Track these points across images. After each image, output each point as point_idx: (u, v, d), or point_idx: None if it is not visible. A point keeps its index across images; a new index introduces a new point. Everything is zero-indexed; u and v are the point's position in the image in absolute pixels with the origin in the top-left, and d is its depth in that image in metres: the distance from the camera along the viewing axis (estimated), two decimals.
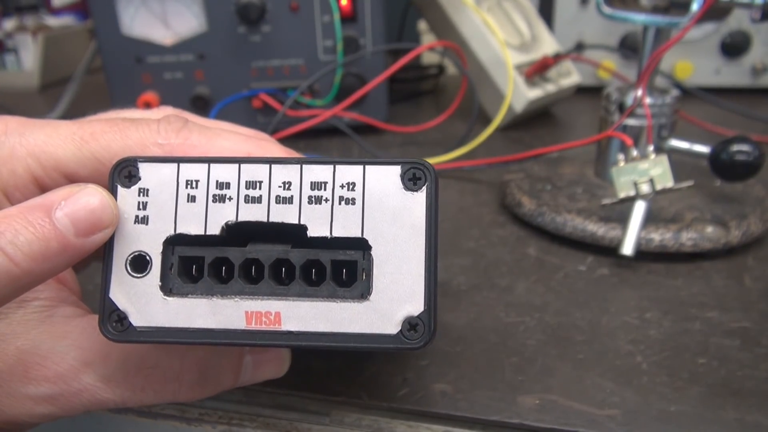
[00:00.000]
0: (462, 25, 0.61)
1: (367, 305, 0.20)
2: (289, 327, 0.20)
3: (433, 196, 0.21)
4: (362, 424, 0.26)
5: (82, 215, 0.19)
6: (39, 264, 0.19)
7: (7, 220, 0.19)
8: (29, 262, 0.18)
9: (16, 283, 0.18)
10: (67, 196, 0.20)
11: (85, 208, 0.20)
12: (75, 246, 0.19)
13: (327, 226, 0.21)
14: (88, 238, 0.20)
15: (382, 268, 0.20)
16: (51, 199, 0.19)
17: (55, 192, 0.20)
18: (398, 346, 0.20)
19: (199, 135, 0.23)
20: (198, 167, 0.21)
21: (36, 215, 0.19)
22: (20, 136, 0.22)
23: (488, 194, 0.47)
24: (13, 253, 0.18)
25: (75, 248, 0.19)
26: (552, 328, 0.31)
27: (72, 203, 0.19)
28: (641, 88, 0.40)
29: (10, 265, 0.18)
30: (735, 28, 0.69)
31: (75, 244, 0.19)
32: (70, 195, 0.20)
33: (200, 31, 0.59)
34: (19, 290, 0.19)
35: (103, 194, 0.20)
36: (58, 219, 0.19)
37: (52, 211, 0.19)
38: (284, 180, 0.21)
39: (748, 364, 0.28)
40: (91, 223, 0.20)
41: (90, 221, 0.20)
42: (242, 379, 0.24)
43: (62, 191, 0.20)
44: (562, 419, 0.25)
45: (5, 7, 0.98)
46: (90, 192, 0.20)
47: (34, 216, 0.19)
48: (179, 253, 0.21)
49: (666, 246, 0.36)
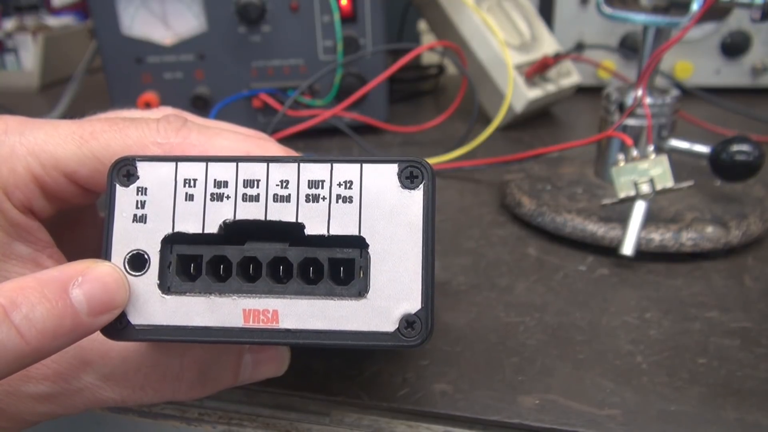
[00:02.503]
0: (462, 25, 0.61)
1: (365, 303, 0.20)
2: (286, 325, 0.21)
3: (430, 194, 0.21)
4: (362, 424, 0.26)
5: (98, 294, 0.19)
6: (49, 342, 0.18)
7: (24, 293, 0.18)
8: (40, 340, 0.18)
9: (22, 361, 0.18)
10: (84, 272, 0.19)
11: (101, 287, 0.19)
12: (85, 325, 0.19)
13: (324, 225, 0.21)
14: (98, 318, 0.19)
15: (380, 266, 0.20)
16: (68, 273, 0.19)
17: (72, 266, 0.19)
18: (396, 344, 0.20)
19: (198, 134, 0.23)
20: (196, 166, 0.21)
21: (53, 290, 0.18)
22: (20, 135, 0.22)
23: (488, 194, 0.47)
24: (26, 329, 0.18)
25: (84, 328, 0.19)
26: (552, 328, 0.31)
27: (89, 281, 0.19)
28: (641, 88, 0.40)
29: (20, 343, 0.18)
30: (735, 28, 0.69)
31: (85, 323, 0.19)
32: (87, 271, 0.19)
33: (200, 31, 0.59)
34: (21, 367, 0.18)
35: (118, 274, 0.20)
36: (74, 296, 0.19)
37: (69, 287, 0.19)
38: (282, 178, 0.21)
39: (748, 364, 0.28)
40: (105, 303, 0.19)
41: (104, 301, 0.19)
42: (242, 377, 0.24)
43: (79, 266, 0.19)
44: (562, 419, 0.25)
45: (5, 7, 0.98)
46: (107, 270, 0.20)
47: (51, 290, 0.18)
48: (177, 252, 0.21)
49: (666, 246, 0.36)
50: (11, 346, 0.17)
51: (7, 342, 0.17)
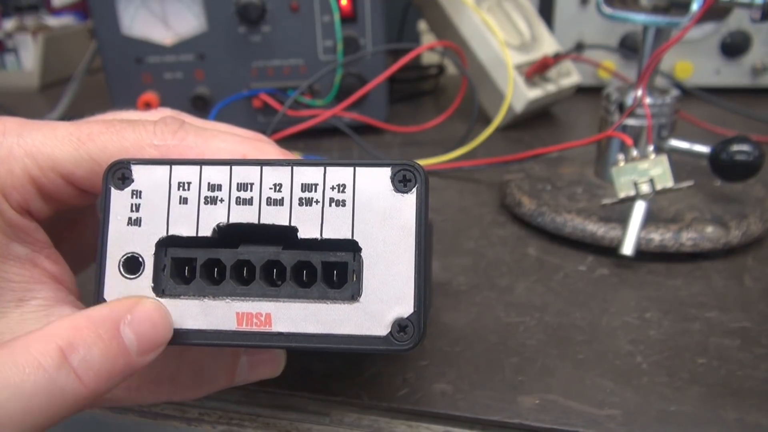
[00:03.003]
0: (462, 25, 0.61)
1: (357, 307, 0.20)
2: (279, 328, 0.21)
3: (423, 197, 0.21)
4: (362, 424, 0.26)
5: (147, 333, 0.19)
6: (104, 384, 0.18)
7: (79, 334, 0.18)
8: (96, 383, 0.18)
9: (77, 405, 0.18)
10: (131, 309, 0.19)
11: (150, 324, 0.19)
12: (134, 364, 0.19)
13: (317, 228, 0.21)
14: (146, 356, 0.19)
15: (372, 270, 0.20)
16: (118, 312, 0.19)
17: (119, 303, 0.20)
18: (388, 348, 0.20)
19: (195, 136, 0.23)
20: (190, 169, 0.21)
21: (106, 329, 0.18)
22: (18, 137, 0.22)
23: (488, 194, 0.47)
24: (83, 373, 0.18)
25: (133, 367, 0.19)
26: (552, 328, 0.31)
27: (138, 319, 0.19)
28: (641, 88, 0.40)
29: (79, 387, 0.18)
30: (735, 28, 0.69)
31: (135, 362, 0.19)
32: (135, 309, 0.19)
33: (200, 31, 0.59)
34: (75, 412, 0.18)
35: (164, 310, 0.20)
36: (126, 335, 0.19)
37: (120, 326, 0.19)
38: (275, 182, 0.21)
39: (748, 364, 0.28)
40: (153, 341, 0.19)
41: (152, 339, 0.19)
42: (237, 379, 0.24)
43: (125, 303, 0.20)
44: (562, 419, 0.25)
45: (5, 7, 0.98)
46: (154, 307, 0.20)
47: (104, 330, 0.18)
48: (172, 255, 0.21)
49: (666, 246, 0.36)
50: (70, 391, 0.17)
51: (66, 387, 0.17)
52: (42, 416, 0.17)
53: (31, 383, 0.17)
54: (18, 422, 0.16)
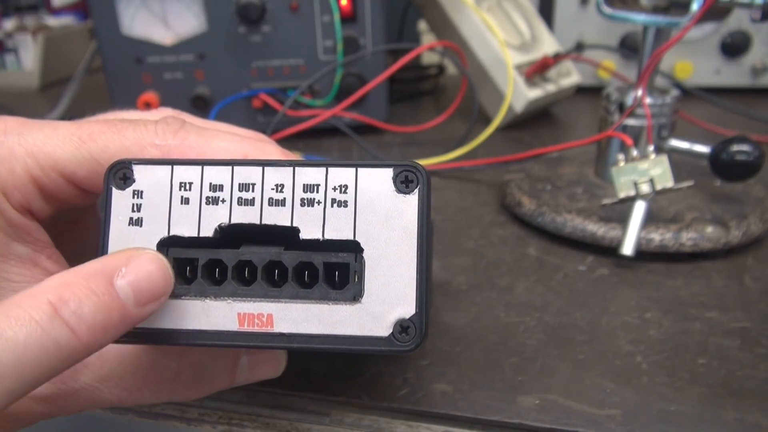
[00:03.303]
0: (462, 25, 0.61)
1: (359, 308, 0.20)
2: (281, 329, 0.21)
3: (425, 198, 0.21)
4: (362, 424, 0.26)
5: (143, 284, 0.19)
6: (99, 337, 0.18)
7: (70, 288, 0.18)
8: (91, 336, 0.18)
9: (74, 358, 0.18)
10: (127, 262, 0.19)
11: (146, 276, 0.19)
12: (132, 316, 0.19)
13: (319, 229, 0.21)
14: (144, 308, 0.19)
15: (374, 271, 0.20)
16: (111, 265, 0.19)
17: (114, 257, 0.19)
18: (390, 349, 0.20)
19: (197, 136, 0.23)
20: (191, 169, 0.21)
21: (98, 283, 0.18)
22: (19, 136, 0.22)
23: (488, 194, 0.47)
24: (76, 325, 0.18)
25: (132, 319, 0.19)
26: (552, 328, 0.31)
27: (133, 271, 0.19)
28: (641, 88, 0.40)
29: (73, 340, 0.18)
30: (735, 28, 0.69)
31: (132, 314, 0.19)
32: (130, 260, 0.19)
33: (200, 31, 0.59)
34: (73, 364, 0.18)
35: (162, 261, 0.20)
36: (120, 288, 0.19)
37: (114, 279, 0.19)
38: (277, 182, 0.21)
39: (748, 364, 0.28)
40: (151, 293, 0.19)
41: (150, 290, 0.19)
42: (238, 379, 0.24)
43: (121, 256, 0.19)
44: (562, 419, 0.25)
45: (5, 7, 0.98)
46: (150, 258, 0.20)
47: (97, 284, 0.18)
48: (173, 255, 0.21)
49: (666, 246, 0.36)
50: (64, 343, 0.17)
51: (60, 339, 0.17)
52: (37, 369, 0.17)
53: (24, 336, 0.17)
54: (12, 374, 0.17)
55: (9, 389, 0.17)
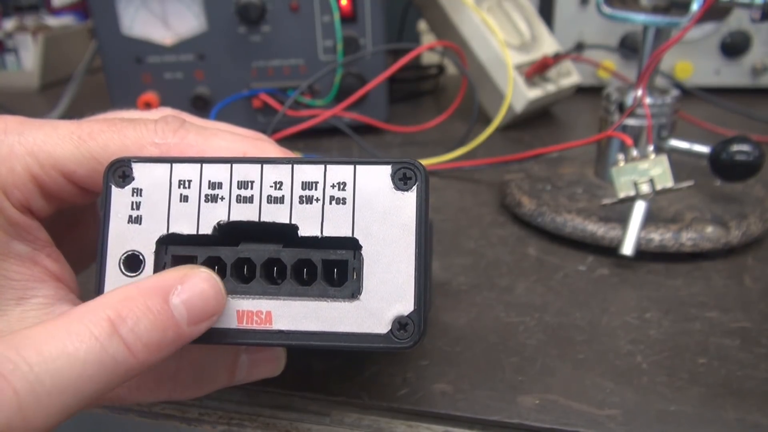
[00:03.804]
0: (462, 25, 0.61)
1: (358, 305, 0.20)
2: (280, 326, 0.21)
3: (423, 195, 0.21)
4: (362, 424, 0.26)
5: (197, 303, 0.19)
6: (154, 354, 0.18)
7: (128, 304, 0.18)
8: (146, 353, 0.18)
9: (127, 375, 0.18)
10: (182, 279, 0.19)
11: (200, 295, 0.19)
12: (185, 335, 0.19)
13: (318, 226, 0.21)
14: (197, 327, 0.19)
15: (373, 268, 0.20)
16: (168, 282, 0.19)
17: (171, 274, 0.19)
18: (388, 346, 0.20)
19: (196, 135, 0.23)
20: (190, 167, 0.21)
21: (155, 301, 0.18)
22: (19, 135, 0.22)
23: (488, 194, 0.47)
24: (133, 343, 0.18)
25: (185, 337, 0.19)
26: (552, 328, 0.31)
27: (188, 289, 0.19)
28: (641, 88, 0.40)
29: (128, 357, 0.18)
30: (735, 28, 0.69)
31: (185, 333, 0.19)
32: (185, 279, 0.19)
33: (200, 31, 0.59)
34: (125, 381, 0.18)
35: (216, 280, 0.20)
36: (175, 306, 0.19)
37: (169, 297, 0.19)
38: (275, 180, 0.21)
39: (748, 364, 0.28)
40: (204, 312, 0.19)
41: (203, 309, 0.19)
42: (238, 377, 0.24)
43: (176, 273, 0.19)
44: (562, 419, 0.25)
45: (5, 7, 0.98)
46: (204, 277, 0.20)
47: (154, 302, 0.18)
48: (172, 253, 0.21)
49: (666, 246, 0.36)
50: (121, 360, 0.18)
51: (117, 356, 0.17)
52: (94, 385, 0.17)
53: (84, 352, 0.17)
54: (71, 390, 0.17)
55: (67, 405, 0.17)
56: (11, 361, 0.16)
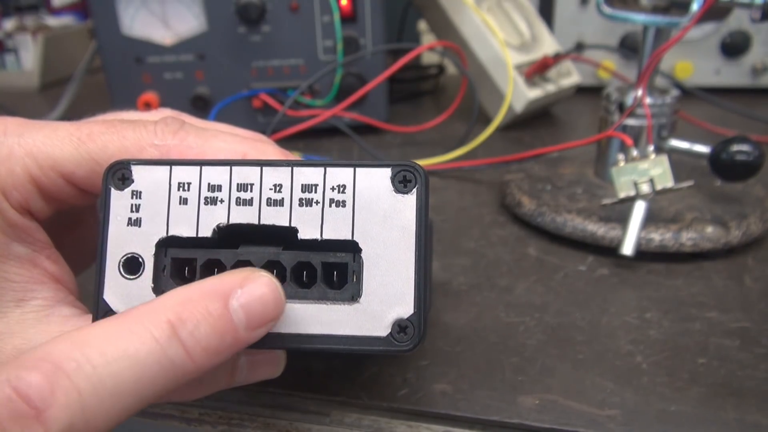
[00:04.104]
0: (462, 25, 0.61)
1: (357, 307, 0.20)
2: (279, 329, 0.21)
3: (423, 198, 0.21)
4: (362, 424, 0.26)
5: (256, 308, 0.19)
6: (210, 360, 0.18)
7: (189, 307, 0.18)
8: (204, 357, 0.18)
9: (184, 378, 0.18)
10: (242, 283, 0.19)
11: (259, 300, 0.19)
12: (242, 340, 0.19)
13: (317, 229, 0.21)
14: (254, 332, 0.19)
15: (372, 271, 0.20)
16: (228, 284, 0.19)
17: (231, 277, 0.19)
18: (388, 349, 0.20)
19: (196, 136, 0.23)
20: (190, 170, 0.21)
21: (215, 304, 0.18)
22: (19, 137, 0.22)
23: (488, 194, 0.47)
24: (191, 347, 0.18)
25: (242, 342, 0.19)
26: (552, 328, 0.31)
27: (248, 293, 0.19)
28: (641, 88, 0.40)
29: (186, 361, 0.18)
30: (735, 28, 0.69)
31: (243, 338, 0.19)
32: (246, 282, 0.19)
33: (200, 31, 0.59)
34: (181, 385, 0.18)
35: (276, 286, 0.20)
36: (234, 310, 0.19)
37: (229, 300, 0.19)
38: (275, 182, 0.21)
39: (748, 364, 0.28)
40: (262, 317, 0.19)
41: (261, 315, 0.19)
42: (237, 379, 0.24)
43: (237, 276, 0.19)
44: (562, 419, 0.25)
45: (5, 7, 0.98)
46: (265, 282, 0.19)
47: (214, 305, 0.18)
48: (172, 255, 0.21)
49: (666, 246, 0.36)
50: (179, 364, 0.18)
51: (176, 359, 0.17)
52: (153, 387, 0.17)
53: (145, 354, 0.17)
54: (131, 392, 0.17)
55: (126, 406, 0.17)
56: (76, 360, 0.16)
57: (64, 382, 0.16)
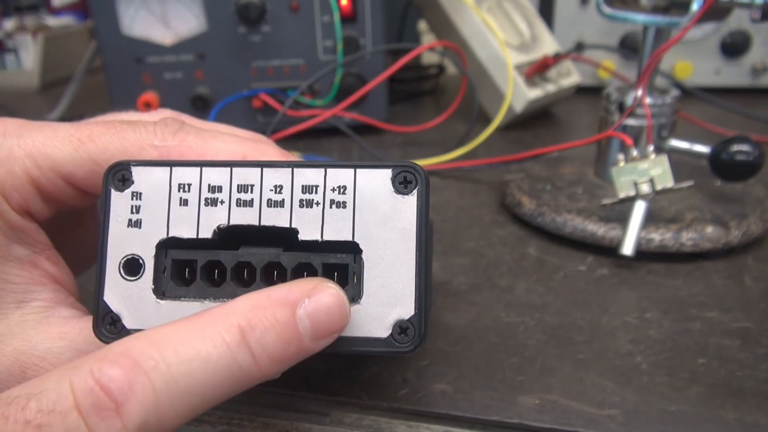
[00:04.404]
0: (462, 25, 0.61)
1: (358, 309, 0.20)
2: None
3: (423, 199, 0.21)
4: (362, 424, 0.26)
5: (322, 319, 0.19)
6: (275, 368, 0.19)
7: (258, 314, 0.18)
8: (269, 365, 0.18)
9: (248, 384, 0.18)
10: (310, 293, 0.19)
11: (326, 311, 0.19)
12: (306, 350, 0.19)
13: (318, 230, 0.21)
14: (318, 342, 0.19)
15: (373, 272, 0.20)
16: (296, 294, 0.19)
17: (299, 285, 0.19)
18: (389, 350, 0.20)
19: (196, 137, 0.23)
20: (190, 171, 0.21)
21: (283, 312, 0.18)
22: (18, 138, 0.22)
23: (488, 194, 0.47)
24: (259, 354, 0.18)
25: (305, 352, 0.19)
26: (552, 328, 0.31)
27: (315, 303, 0.19)
28: (641, 88, 0.40)
29: (252, 367, 0.18)
30: (735, 28, 0.69)
31: (307, 348, 0.19)
32: (313, 292, 0.19)
33: (200, 31, 0.59)
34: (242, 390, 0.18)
35: (342, 298, 0.20)
36: (301, 320, 0.19)
37: (297, 309, 0.19)
38: (276, 183, 0.21)
39: (748, 364, 0.28)
40: (328, 328, 0.19)
41: (327, 325, 0.19)
42: None
43: (306, 286, 0.19)
44: (562, 419, 0.25)
45: (5, 7, 0.98)
46: (332, 293, 0.19)
47: (282, 313, 0.18)
48: (172, 257, 0.21)
49: (666, 246, 0.36)
50: (246, 369, 0.18)
51: (243, 365, 0.18)
52: (221, 390, 0.18)
53: (216, 357, 0.17)
54: (200, 393, 0.17)
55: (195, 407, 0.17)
56: (153, 358, 0.17)
57: (142, 379, 0.16)
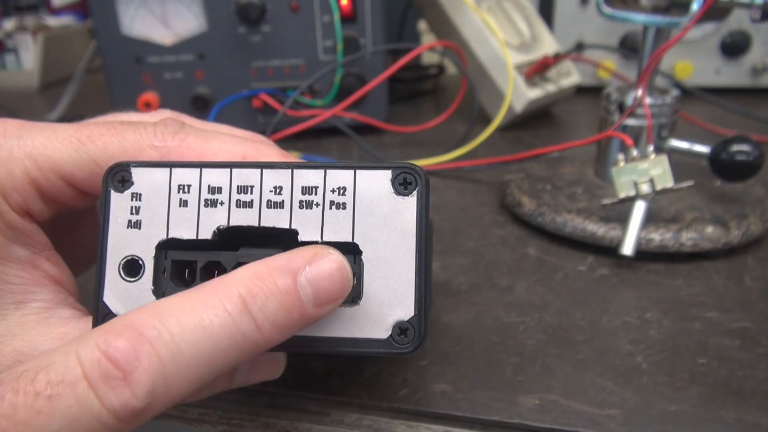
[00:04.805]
0: (462, 25, 0.61)
1: (358, 310, 0.20)
2: None
3: (423, 200, 0.21)
4: (362, 424, 0.26)
5: (324, 285, 0.19)
6: (278, 335, 0.19)
7: (258, 283, 0.18)
8: (272, 332, 0.18)
9: (252, 352, 0.18)
10: (311, 260, 0.19)
11: (328, 277, 0.19)
12: (309, 316, 0.19)
13: (318, 231, 0.21)
14: (321, 309, 0.19)
15: (373, 273, 0.20)
16: (297, 262, 0.19)
17: (300, 254, 0.19)
18: (388, 351, 0.20)
19: (195, 137, 0.23)
20: (190, 172, 0.21)
21: (284, 280, 0.19)
22: (18, 139, 0.22)
23: (488, 194, 0.47)
24: (261, 321, 0.18)
25: (309, 319, 0.19)
26: (552, 328, 0.31)
27: (316, 270, 0.19)
28: (641, 88, 0.40)
29: (256, 335, 0.18)
30: (735, 28, 0.69)
31: (310, 314, 0.19)
32: (314, 258, 0.19)
33: (200, 31, 0.59)
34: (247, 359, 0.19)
35: (344, 263, 0.20)
36: (302, 287, 0.19)
37: (297, 276, 0.19)
38: (275, 185, 0.21)
39: (748, 364, 0.28)
40: (330, 295, 0.19)
41: (329, 292, 0.19)
42: (237, 381, 0.24)
43: (306, 253, 0.19)
44: (562, 419, 0.25)
45: (5, 7, 0.98)
46: (333, 259, 0.19)
47: (283, 281, 0.19)
48: (172, 258, 0.21)
49: (666, 246, 0.36)
50: (250, 337, 0.18)
51: (247, 333, 0.18)
52: (224, 359, 0.18)
53: (218, 325, 0.17)
54: (204, 362, 0.17)
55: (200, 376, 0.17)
56: (156, 328, 0.17)
57: (147, 348, 0.17)
